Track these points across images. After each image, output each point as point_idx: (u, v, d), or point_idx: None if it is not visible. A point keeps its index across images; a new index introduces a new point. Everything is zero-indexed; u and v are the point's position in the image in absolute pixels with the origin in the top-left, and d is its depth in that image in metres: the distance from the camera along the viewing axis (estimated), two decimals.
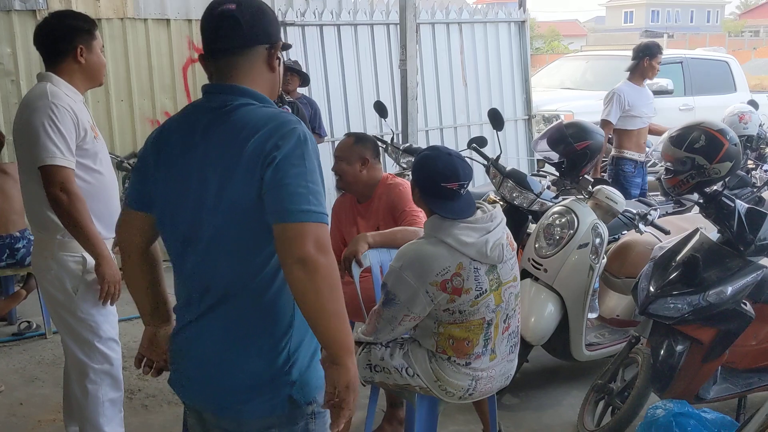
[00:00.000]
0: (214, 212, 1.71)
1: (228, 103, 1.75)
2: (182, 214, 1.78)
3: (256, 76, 1.80)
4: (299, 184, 1.63)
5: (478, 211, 2.73)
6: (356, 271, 3.21)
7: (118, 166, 5.34)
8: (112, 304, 2.86)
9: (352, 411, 1.69)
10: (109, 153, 5.36)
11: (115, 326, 2.96)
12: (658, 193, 5.52)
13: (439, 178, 2.66)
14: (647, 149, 5.88)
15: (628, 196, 5.09)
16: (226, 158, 1.69)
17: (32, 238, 3.85)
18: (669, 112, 9.01)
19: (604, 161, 6.20)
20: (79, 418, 2.96)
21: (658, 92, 9.18)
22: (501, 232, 2.71)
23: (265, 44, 1.80)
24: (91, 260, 2.79)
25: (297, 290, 1.63)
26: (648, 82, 9.23)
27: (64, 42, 2.76)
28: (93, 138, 2.79)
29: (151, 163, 1.84)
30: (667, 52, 11.26)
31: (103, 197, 2.84)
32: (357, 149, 3.54)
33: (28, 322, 4.83)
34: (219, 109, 1.76)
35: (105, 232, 2.86)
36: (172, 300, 1.99)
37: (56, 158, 2.62)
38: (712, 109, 7.68)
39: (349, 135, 3.73)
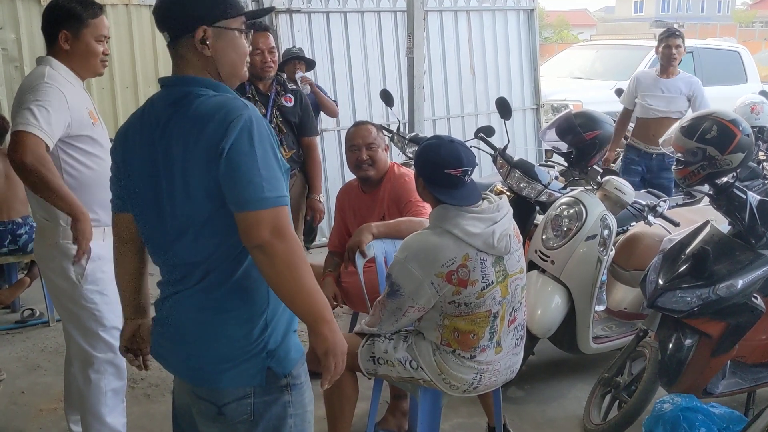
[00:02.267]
0: (184, 204, 1.77)
1: (183, 96, 1.79)
2: (156, 208, 1.84)
3: (195, 66, 1.83)
4: (251, 173, 1.68)
5: (485, 202, 2.69)
6: (360, 262, 3.18)
7: None
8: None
9: (335, 374, 1.80)
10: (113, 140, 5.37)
11: (118, 315, 2.88)
12: None
13: (442, 166, 2.62)
14: None
15: None
16: (186, 153, 1.74)
17: (35, 225, 3.82)
18: None
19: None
20: (81, 407, 2.94)
21: None
22: (508, 223, 2.66)
23: (188, 33, 1.80)
24: (95, 249, 2.74)
25: (262, 273, 1.72)
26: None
27: (50, 25, 2.72)
28: (91, 124, 2.73)
29: (120, 162, 1.93)
30: None
31: (105, 183, 2.77)
32: (381, 137, 3.56)
33: (32, 309, 4.82)
34: (176, 104, 1.79)
35: (108, 218, 2.83)
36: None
37: (30, 126, 2.49)
38: (723, 100, 7.56)
39: (364, 123, 3.68)
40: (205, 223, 1.76)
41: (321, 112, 5.61)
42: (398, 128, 5.33)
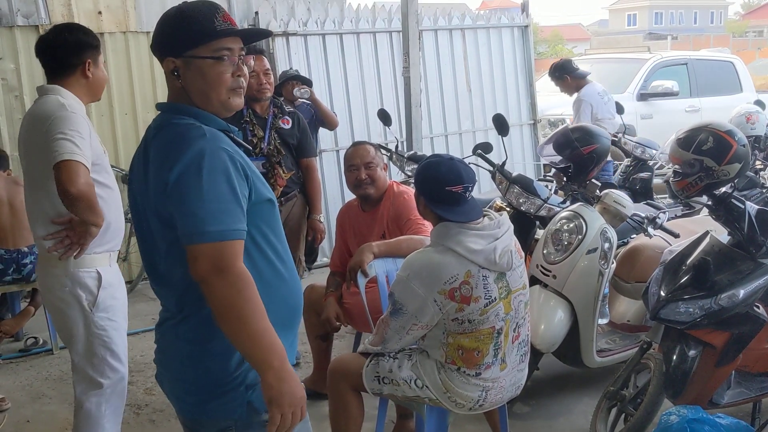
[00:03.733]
0: (152, 231, 1.78)
1: (163, 123, 1.81)
2: (142, 235, 1.86)
3: (175, 94, 1.83)
4: (194, 205, 1.65)
5: (485, 219, 2.70)
6: (362, 281, 3.18)
7: (123, 179, 5.36)
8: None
9: (281, 429, 1.70)
10: (114, 167, 5.38)
11: (124, 339, 2.94)
12: (666, 195, 5.48)
13: (443, 183, 2.64)
14: (654, 151, 5.84)
15: None
16: (151, 181, 1.74)
17: None
18: (675, 113, 8.98)
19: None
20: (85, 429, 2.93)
21: (664, 94, 9.19)
22: (509, 239, 2.68)
23: (168, 57, 1.80)
24: (105, 275, 2.78)
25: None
26: (654, 84, 9.24)
27: (74, 56, 2.77)
28: (102, 152, 2.80)
29: (129, 186, 1.94)
30: (672, 54, 11.29)
31: (113, 210, 2.84)
32: (380, 156, 3.60)
33: (35, 338, 4.81)
34: (156, 129, 1.82)
35: (117, 244, 2.90)
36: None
37: (76, 155, 2.54)
38: (719, 110, 7.65)
39: (363, 143, 3.74)
40: (169, 252, 1.76)
41: (318, 131, 5.63)
42: (396, 147, 5.35)
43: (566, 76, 6.22)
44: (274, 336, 1.69)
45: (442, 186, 2.64)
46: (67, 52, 2.78)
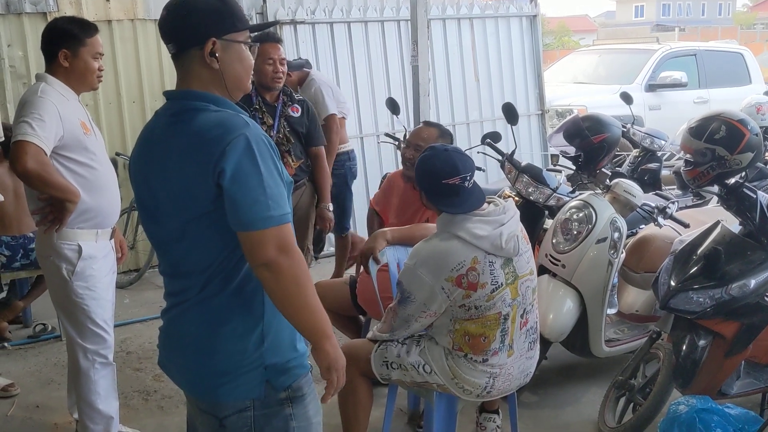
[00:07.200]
0: (176, 216, 1.78)
1: (184, 110, 1.79)
2: (155, 218, 1.86)
3: (202, 78, 1.82)
4: (256, 192, 1.68)
5: (491, 205, 2.69)
6: (373, 267, 3.18)
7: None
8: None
9: (337, 387, 1.84)
10: (121, 154, 5.39)
11: (107, 310, 3.10)
12: (675, 186, 5.47)
13: (438, 176, 2.63)
14: (663, 142, 5.81)
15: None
16: (182, 167, 1.74)
17: None
18: (683, 105, 8.95)
19: None
20: (76, 396, 3.15)
21: (672, 85, 9.15)
22: (515, 225, 2.67)
23: (196, 45, 1.79)
24: (86, 249, 2.94)
25: (267, 290, 1.74)
26: (662, 75, 9.15)
27: (50, 45, 2.94)
28: (83, 134, 2.90)
29: (132, 173, 1.95)
30: (681, 45, 11.23)
31: (99, 190, 2.97)
32: (440, 142, 3.52)
33: (44, 324, 4.81)
34: (175, 116, 1.80)
35: (106, 222, 3.02)
36: None
37: (28, 136, 2.70)
38: (727, 102, 7.59)
39: (429, 124, 3.75)
40: (196, 238, 1.77)
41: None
42: (404, 136, 5.33)
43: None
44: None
45: (439, 179, 2.63)
46: (46, 41, 2.95)
